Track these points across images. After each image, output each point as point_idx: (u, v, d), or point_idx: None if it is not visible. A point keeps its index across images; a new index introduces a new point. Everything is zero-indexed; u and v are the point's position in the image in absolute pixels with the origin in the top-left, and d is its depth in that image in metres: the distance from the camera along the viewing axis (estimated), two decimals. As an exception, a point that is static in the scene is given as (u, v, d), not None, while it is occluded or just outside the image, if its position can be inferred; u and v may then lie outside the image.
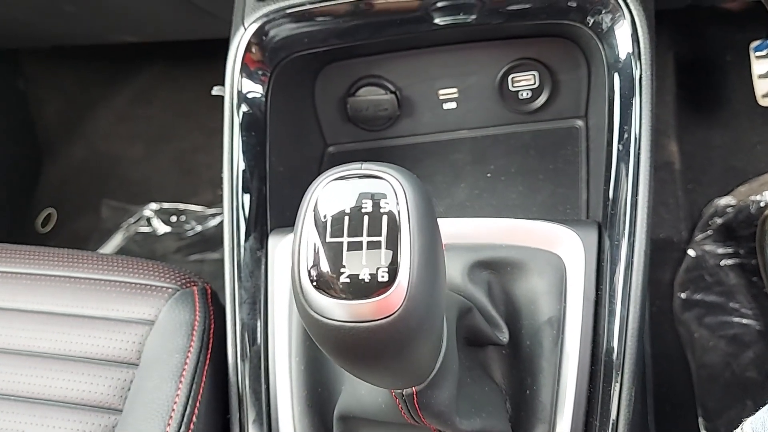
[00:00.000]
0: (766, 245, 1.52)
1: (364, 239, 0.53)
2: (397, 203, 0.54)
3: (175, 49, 2.04)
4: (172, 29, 1.79)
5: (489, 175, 1.16)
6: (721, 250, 1.61)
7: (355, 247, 0.53)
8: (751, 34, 1.52)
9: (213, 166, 2.08)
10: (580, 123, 1.17)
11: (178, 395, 0.93)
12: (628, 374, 0.85)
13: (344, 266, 0.53)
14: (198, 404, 0.94)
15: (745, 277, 1.58)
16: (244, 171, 1.02)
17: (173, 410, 0.92)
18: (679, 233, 1.66)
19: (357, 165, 0.56)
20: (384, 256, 0.53)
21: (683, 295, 1.59)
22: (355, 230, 0.53)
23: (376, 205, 0.54)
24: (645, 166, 0.90)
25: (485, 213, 1.11)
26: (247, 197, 1.02)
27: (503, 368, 0.86)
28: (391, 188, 0.54)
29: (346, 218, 0.54)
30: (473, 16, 1.01)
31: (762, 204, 1.60)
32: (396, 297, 0.52)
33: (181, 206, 2.07)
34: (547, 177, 1.13)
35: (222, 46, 1.08)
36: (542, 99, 1.17)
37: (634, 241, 0.88)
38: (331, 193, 0.55)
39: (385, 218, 0.53)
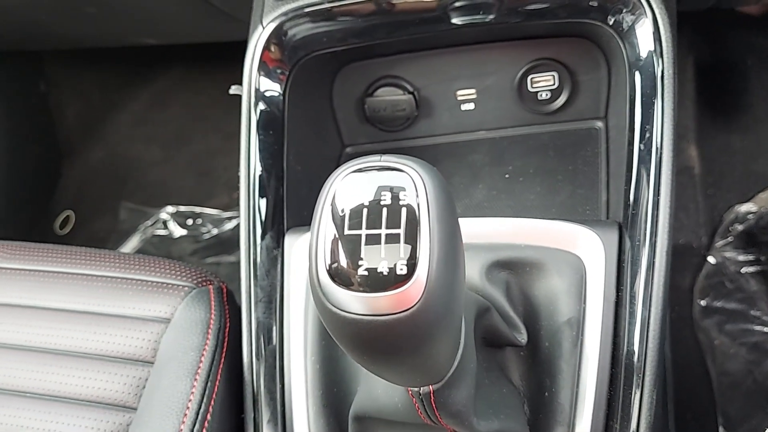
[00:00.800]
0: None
1: (383, 232, 0.52)
2: (417, 196, 0.53)
3: (193, 52, 2.05)
4: (191, 31, 1.81)
5: (507, 176, 1.15)
6: (741, 257, 1.59)
7: (373, 240, 0.52)
8: (773, 38, 1.51)
9: (229, 169, 2.09)
10: (599, 124, 1.16)
11: (192, 393, 0.93)
12: (649, 377, 0.83)
13: (362, 259, 0.52)
14: (213, 403, 0.93)
15: (767, 284, 1.55)
16: (261, 169, 1.02)
17: (188, 408, 0.92)
18: (698, 239, 1.64)
19: (376, 157, 0.55)
20: (403, 249, 0.52)
21: (703, 302, 1.57)
22: (373, 223, 0.52)
23: (395, 197, 0.53)
24: (667, 165, 0.88)
25: (503, 214, 1.10)
26: (264, 196, 1.01)
27: (521, 370, 0.85)
28: (411, 181, 0.53)
29: (365, 211, 0.53)
30: (492, 16, 1.00)
31: (784, 210, 1.58)
32: (415, 290, 0.51)
33: (197, 209, 2.08)
34: (566, 178, 1.12)
35: (239, 50, 1.08)
36: (561, 100, 1.16)
37: (656, 242, 0.86)
38: (350, 185, 0.54)
39: (404, 211, 0.52)
